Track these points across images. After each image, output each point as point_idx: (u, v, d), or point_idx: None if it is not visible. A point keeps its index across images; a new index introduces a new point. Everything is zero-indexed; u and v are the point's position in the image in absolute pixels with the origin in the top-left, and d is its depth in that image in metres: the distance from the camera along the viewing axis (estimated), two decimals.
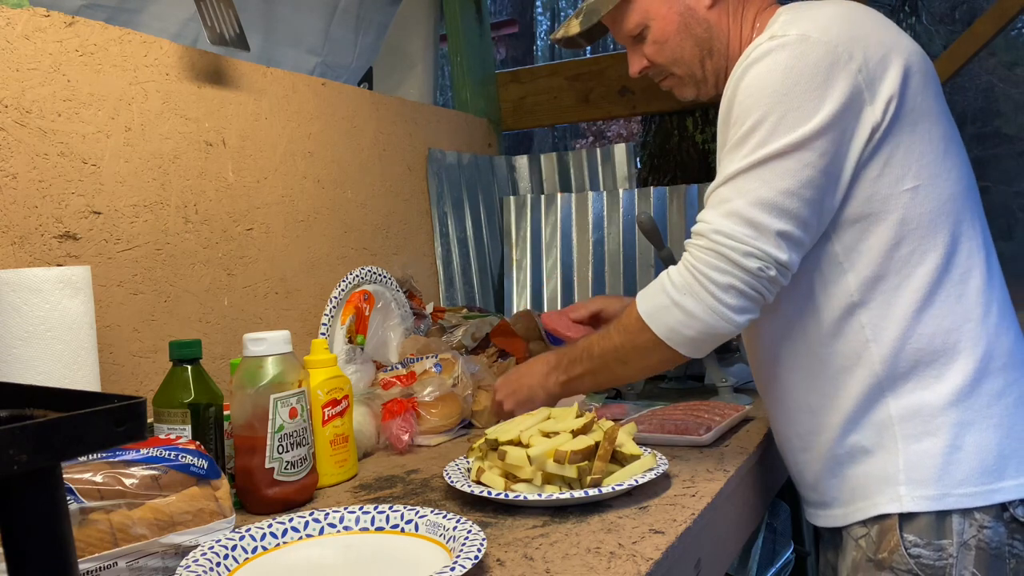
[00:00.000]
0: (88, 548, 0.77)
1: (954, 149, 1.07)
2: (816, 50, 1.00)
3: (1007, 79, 9.42)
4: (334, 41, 2.03)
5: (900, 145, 1.02)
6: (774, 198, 0.99)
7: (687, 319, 1.03)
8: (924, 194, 1.03)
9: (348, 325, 1.58)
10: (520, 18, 12.17)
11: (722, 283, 1.00)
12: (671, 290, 1.04)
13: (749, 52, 1.04)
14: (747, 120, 1.02)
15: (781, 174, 0.99)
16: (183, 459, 0.87)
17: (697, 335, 1.04)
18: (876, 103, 1.01)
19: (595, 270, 2.26)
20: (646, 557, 0.83)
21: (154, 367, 1.33)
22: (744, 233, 0.99)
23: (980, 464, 1.01)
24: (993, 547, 1.00)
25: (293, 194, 1.67)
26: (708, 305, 1.01)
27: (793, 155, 0.99)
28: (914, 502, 1.02)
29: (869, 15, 1.08)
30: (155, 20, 1.56)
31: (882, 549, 1.04)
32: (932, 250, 1.03)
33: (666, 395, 1.69)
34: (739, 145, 1.02)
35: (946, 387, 1.02)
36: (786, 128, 0.99)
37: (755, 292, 1.01)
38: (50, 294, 1.02)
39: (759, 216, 0.99)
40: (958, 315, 1.03)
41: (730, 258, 1.00)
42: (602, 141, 11.40)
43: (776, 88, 1.00)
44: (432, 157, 2.16)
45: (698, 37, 1.18)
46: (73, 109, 1.25)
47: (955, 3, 8.90)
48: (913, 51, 1.06)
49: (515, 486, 1.01)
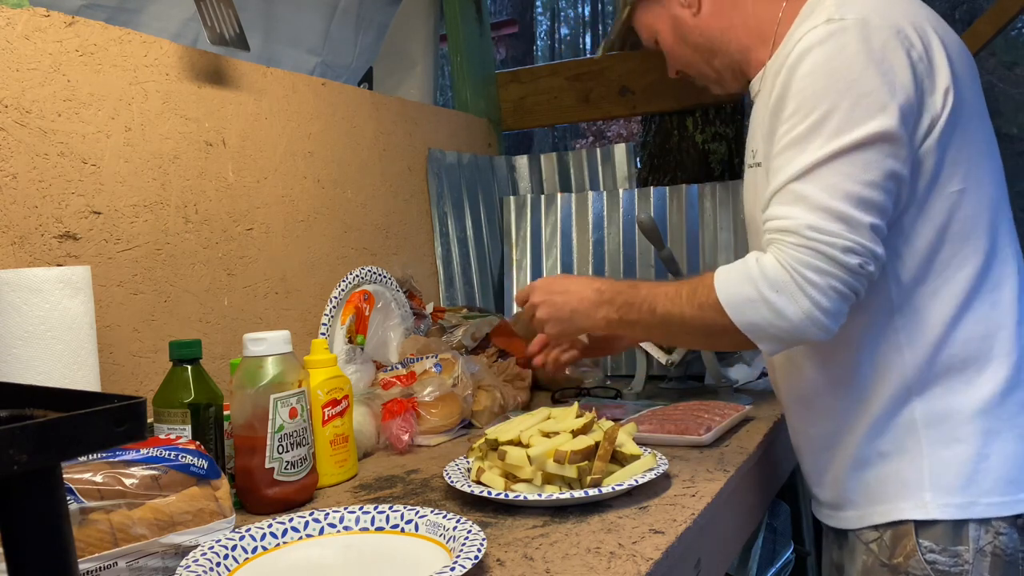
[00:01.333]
0: (88, 548, 0.77)
1: (995, 151, 1.05)
2: (880, 34, 0.95)
3: (1007, 79, 9.42)
4: (334, 41, 2.03)
5: (952, 143, 0.98)
6: (861, 191, 0.93)
7: (776, 319, 0.95)
8: (968, 198, 1.00)
9: (348, 325, 1.58)
10: (520, 18, 12.16)
11: (822, 284, 0.93)
12: (762, 285, 0.96)
13: (805, 34, 0.98)
14: (815, 109, 0.95)
15: (864, 166, 0.93)
16: (183, 459, 0.87)
17: (783, 335, 0.97)
18: (936, 93, 0.97)
19: (595, 270, 2.26)
20: (646, 557, 0.83)
21: (154, 367, 1.33)
22: (840, 228, 0.92)
23: (1006, 474, 1.00)
24: (1008, 554, 1.00)
25: (293, 194, 1.67)
26: (803, 308, 0.93)
27: (874, 146, 0.93)
28: (939, 509, 1.00)
29: (919, 3, 1.05)
30: (155, 20, 1.55)
31: (897, 554, 1.03)
32: (972, 256, 1.01)
33: (666, 395, 1.69)
34: (810, 136, 0.95)
35: (976, 394, 1.00)
36: (861, 116, 0.93)
37: (853, 293, 0.95)
38: (50, 294, 1.02)
39: (850, 210, 0.93)
40: (992, 322, 1.01)
41: (829, 255, 0.92)
42: (602, 141, 11.40)
43: (843, 74, 0.94)
44: (432, 157, 2.16)
45: (695, 44, 1.19)
46: (73, 109, 1.25)
47: (955, 3, 8.91)
48: (957, 42, 1.03)
49: (515, 486, 1.01)
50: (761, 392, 1.64)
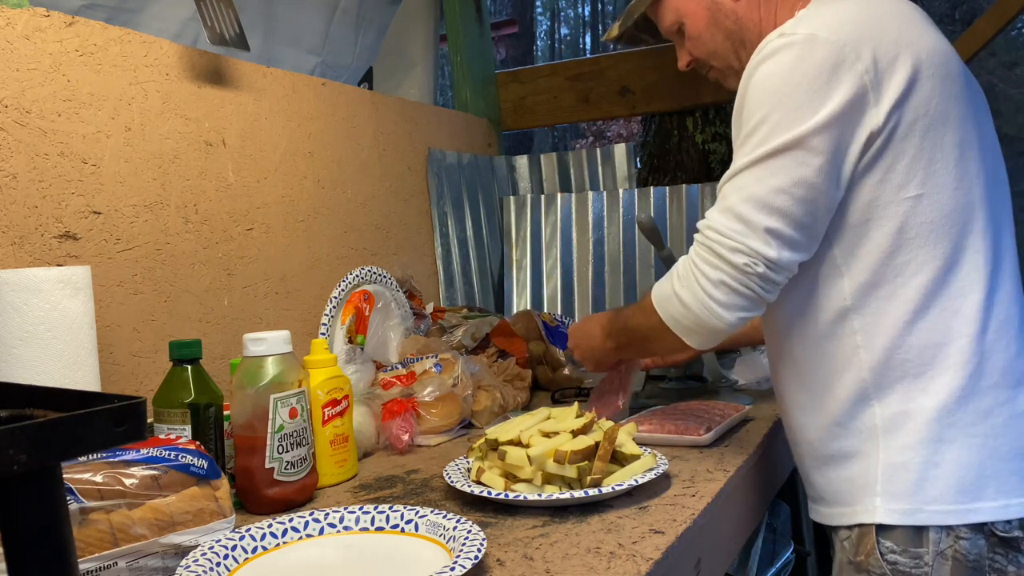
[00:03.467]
0: (88, 548, 0.77)
1: (973, 156, 1.04)
2: (822, 50, 0.99)
3: (1007, 79, 9.42)
4: (334, 41, 2.03)
5: (906, 152, 1.00)
6: (765, 195, 0.99)
7: (684, 310, 1.06)
8: (927, 203, 1.01)
9: (348, 325, 1.58)
10: (520, 18, 12.17)
11: (713, 278, 1.02)
12: (674, 279, 1.08)
13: (761, 48, 1.04)
14: (752, 119, 1.02)
15: (775, 171, 0.99)
16: (183, 459, 0.87)
17: (693, 326, 1.06)
18: (881, 106, 0.99)
19: (595, 270, 2.26)
20: (646, 557, 0.83)
21: (154, 367, 1.33)
22: (733, 229, 1.00)
23: (957, 482, 0.99)
24: (971, 559, 0.98)
25: (293, 194, 1.67)
26: (699, 299, 1.03)
27: (788, 153, 0.99)
28: (887, 514, 1.01)
29: (895, 11, 1.06)
30: (155, 20, 1.55)
31: (860, 552, 1.04)
32: (930, 261, 1.01)
33: (666, 395, 1.69)
34: (743, 144, 1.03)
35: (931, 401, 1.00)
36: (784, 127, 0.99)
37: (746, 289, 1.01)
38: (50, 294, 1.02)
39: (749, 213, 1.00)
40: (952, 330, 1.01)
41: (719, 254, 1.01)
42: (602, 141, 11.40)
43: (779, 87, 1.00)
44: (432, 157, 2.16)
45: (728, 30, 1.19)
46: (73, 109, 1.25)
47: (955, 3, 8.90)
48: (936, 51, 1.03)
49: (515, 486, 1.01)
50: (761, 392, 1.64)
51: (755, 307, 1.03)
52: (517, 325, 1.82)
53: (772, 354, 1.19)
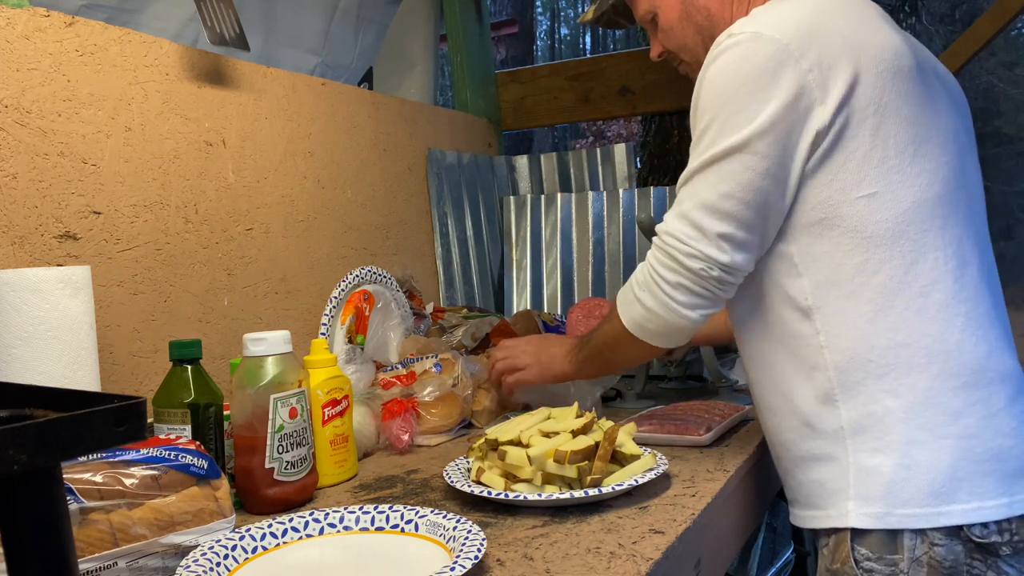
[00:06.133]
0: (88, 548, 0.77)
1: (929, 153, 1.01)
2: (765, 48, 0.98)
3: (1007, 79, 9.42)
4: (334, 41, 2.03)
5: (857, 150, 0.98)
6: (715, 201, 1.00)
7: (647, 314, 1.09)
8: (882, 202, 0.98)
9: (348, 325, 1.58)
10: (520, 18, 12.17)
11: (672, 281, 1.04)
12: (634, 286, 1.11)
13: (715, 47, 1.03)
14: (701, 121, 1.03)
15: (723, 177, 1.00)
16: (183, 459, 0.87)
17: (658, 328, 1.09)
18: (827, 103, 0.97)
19: (595, 270, 2.26)
20: (646, 557, 0.83)
21: (154, 367, 1.33)
22: (687, 235, 1.03)
23: (928, 485, 0.97)
24: (947, 565, 0.96)
25: (293, 194, 1.67)
26: (661, 301, 1.06)
27: (734, 157, 0.99)
28: (859, 519, 0.99)
29: (847, 9, 1.03)
30: (155, 20, 1.55)
31: (836, 560, 1.02)
32: (889, 260, 0.99)
33: (666, 395, 1.69)
34: (694, 146, 1.04)
35: (898, 403, 0.98)
36: (730, 130, 0.99)
37: (704, 290, 1.04)
38: (50, 294, 1.02)
39: (701, 219, 1.01)
40: (915, 329, 0.98)
41: (675, 258, 1.04)
42: (602, 141, 11.40)
43: (724, 89, 1.00)
44: (432, 157, 2.16)
45: (699, 24, 1.18)
46: (73, 109, 1.25)
47: (955, 3, 8.90)
48: (886, 47, 1.00)
49: (515, 486, 1.01)
50: None
51: (715, 304, 1.07)
52: (517, 325, 1.82)
53: (744, 355, 1.17)
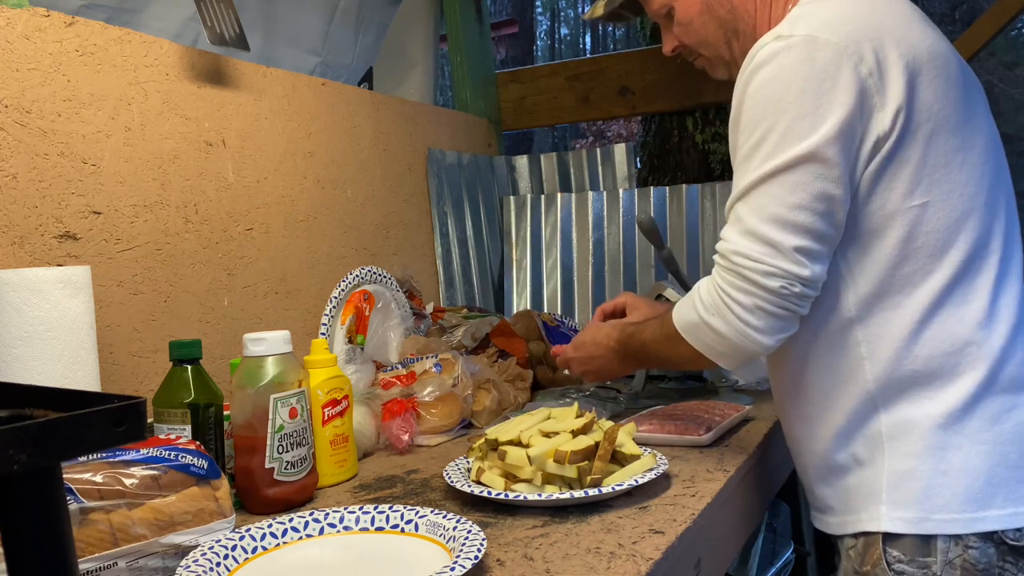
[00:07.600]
0: (88, 548, 0.77)
1: (974, 160, 1.01)
2: (823, 52, 0.95)
3: (1007, 79, 9.42)
4: (334, 41, 2.03)
5: (910, 158, 0.97)
6: (786, 214, 0.95)
7: (717, 338, 1.02)
8: (932, 212, 0.98)
9: (348, 325, 1.58)
10: (520, 18, 12.17)
11: (747, 304, 0.98)
12: (700, 309, 1.03)
13: (755, 52, 0.99)
14: (756, 130, 0.98)
15: (792, 188, 0.95)
16: (183, 459, 0.87)
17: (729, 351, 1.03)
18: (886, 109, 0.95)
19: (595, 270, 2.26)
20: (646, 557, 0.83)
21: (154, 367, 1.33)
22: (761, 252, 0.96)
23: (965, 490, 0.97)
24: (980, 568, 0.96)
25: (293, 194, 1.67)
26: (735, 327, 0.99)
27: (802, 167, 0.95)
28: (892, 523, 0.99)
29: (893, 11, 1.02)
30: (155, 20, 1.55)
31: (866, 562, 1.02)
32: (936, 271, 0.98)
33: (666, 395, 1.69)
34: (749, 157, 0.99)
35: (938, 408, 0.98)
36: (794, 139, 0.95)
37: (784, 310, 0.98)
38: (50, 294, 1.02)
39: (774, 234, 0.96)
40: (959, 337, 0.98)
41: (751, 279, 0.97)
42: (602, 141, 11.41)
43: (782, 95, 0.95)
44: (432, 157, 2.16)
45: (721, 19, 1.14)
46: (73, 109, 1.25)
47: (955, 3, 8.90)
48: (936, 53, 1.00)
49: (515, 486, 1.01)
50: (761, 392, 1.64)
51: (792, 326, 1.01)
52: (517, 325, 1.82)
53: (772, 367, 1.16)
